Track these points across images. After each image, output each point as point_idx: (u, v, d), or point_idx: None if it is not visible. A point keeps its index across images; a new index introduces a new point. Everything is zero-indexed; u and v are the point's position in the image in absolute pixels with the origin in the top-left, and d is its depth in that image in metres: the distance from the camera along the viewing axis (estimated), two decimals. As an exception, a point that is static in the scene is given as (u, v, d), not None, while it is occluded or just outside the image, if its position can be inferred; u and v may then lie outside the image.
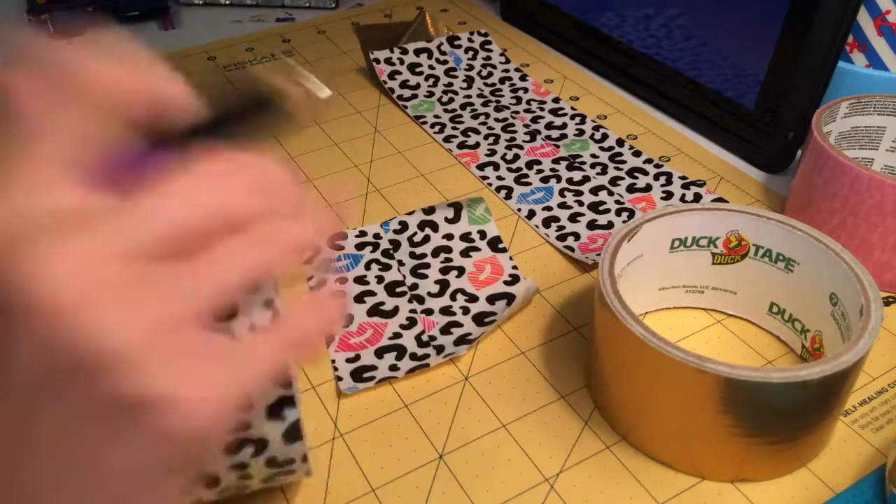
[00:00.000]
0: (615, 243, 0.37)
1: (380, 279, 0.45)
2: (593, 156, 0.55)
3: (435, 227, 0.48)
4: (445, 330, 0.42)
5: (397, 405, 0.38)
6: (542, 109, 0.60)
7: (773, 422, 0.33)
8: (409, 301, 0.44)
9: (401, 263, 0.46)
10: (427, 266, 0.46)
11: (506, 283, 0.44)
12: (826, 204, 0.44)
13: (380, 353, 0.40)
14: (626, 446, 0.36)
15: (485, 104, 0.61)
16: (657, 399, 0.34)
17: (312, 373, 0.40)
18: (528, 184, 0.53)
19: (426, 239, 0.47)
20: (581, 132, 0.57)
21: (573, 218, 0.50)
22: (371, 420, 0.38)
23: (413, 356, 0.40)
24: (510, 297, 0.43)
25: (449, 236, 0.48)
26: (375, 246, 0.47)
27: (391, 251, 0.47)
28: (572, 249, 0.47)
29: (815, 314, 0.39)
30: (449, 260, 0.46)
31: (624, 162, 0.54)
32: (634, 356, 0.33)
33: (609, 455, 0.36)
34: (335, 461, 0.36)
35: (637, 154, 0.55)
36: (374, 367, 0.40)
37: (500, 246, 0.47)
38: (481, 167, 0.54)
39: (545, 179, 0.53)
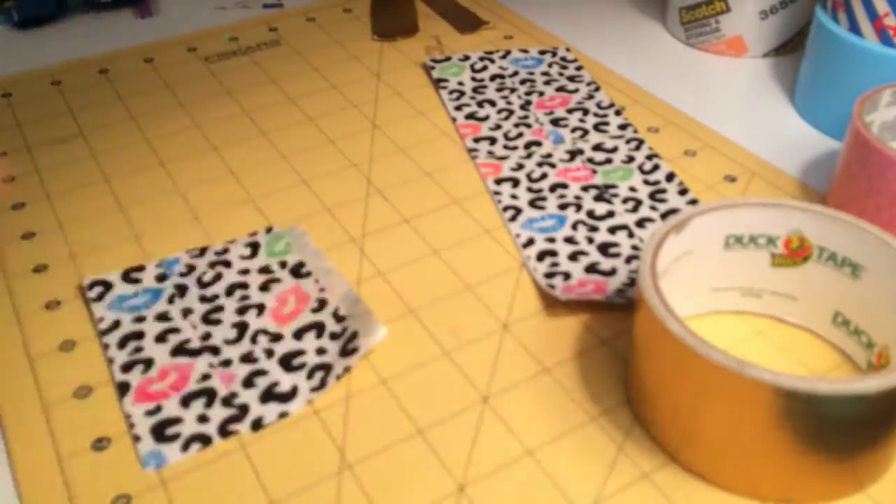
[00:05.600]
0: (660, 236, 0.33)
1: (186, 312, 0.39)
2: (631, 188, 0.47)
3: (228, 264, 0.42)
4: (248, 382, 0.36)
5: (408, 431, 0.34)
6: (597, 129, 0.53)
7: (828, 436, 0.29)
8: (200, 355, 0.37)
9: (188, 312, 0.39)
10: (221, 309, 0.39)
11: (313, 310, 0.39)
12: (872, 200, 0.41)
13: (186, 400, 0.35)
14: (669, 470, 0.32)
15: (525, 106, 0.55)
16: (704, 411, 0.30)
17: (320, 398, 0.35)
18: (542, 208, 0.46)
19: (217, 277, 0.41)
20: (630, 159, 0.50)
21: (574, 256, 0.43)
22: (379, 450, 0.33)
23: (226, 401, 0.35)
24: (320, 327, 0.38)
25: (245, 271, 0.41)
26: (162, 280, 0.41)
27: (175, 296, 0.40)
28: (554, 287, 0.40)
29: (883, 327, 0.35)
30: (246, 297, 0.40)
31: (664, 201, 0.46)
32: (676, 362, 0.30)
33: (649, 481, 0.32)
34: (343, 498, 0.31)
35: (683, 192, 0.47)
36: (179, 421, 0.34)
37: (304, 271, 0.41)
38: (499, 181, 0.48)
39: (563, 206, 0.46)
